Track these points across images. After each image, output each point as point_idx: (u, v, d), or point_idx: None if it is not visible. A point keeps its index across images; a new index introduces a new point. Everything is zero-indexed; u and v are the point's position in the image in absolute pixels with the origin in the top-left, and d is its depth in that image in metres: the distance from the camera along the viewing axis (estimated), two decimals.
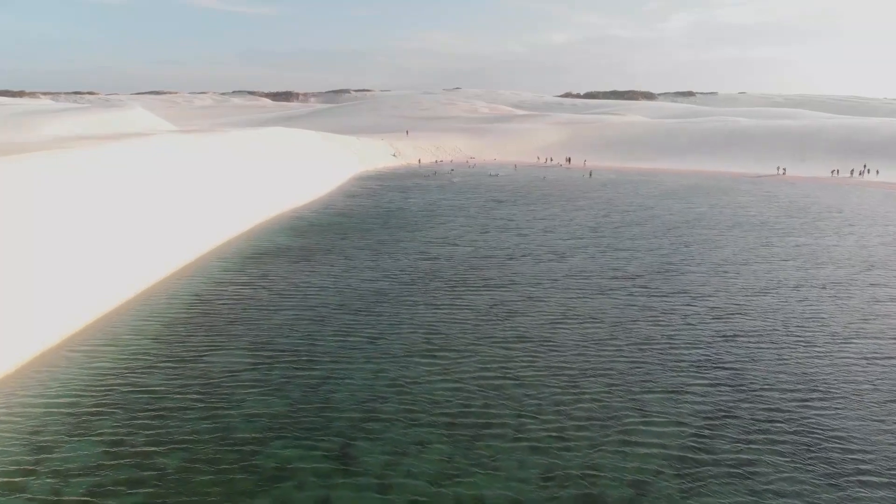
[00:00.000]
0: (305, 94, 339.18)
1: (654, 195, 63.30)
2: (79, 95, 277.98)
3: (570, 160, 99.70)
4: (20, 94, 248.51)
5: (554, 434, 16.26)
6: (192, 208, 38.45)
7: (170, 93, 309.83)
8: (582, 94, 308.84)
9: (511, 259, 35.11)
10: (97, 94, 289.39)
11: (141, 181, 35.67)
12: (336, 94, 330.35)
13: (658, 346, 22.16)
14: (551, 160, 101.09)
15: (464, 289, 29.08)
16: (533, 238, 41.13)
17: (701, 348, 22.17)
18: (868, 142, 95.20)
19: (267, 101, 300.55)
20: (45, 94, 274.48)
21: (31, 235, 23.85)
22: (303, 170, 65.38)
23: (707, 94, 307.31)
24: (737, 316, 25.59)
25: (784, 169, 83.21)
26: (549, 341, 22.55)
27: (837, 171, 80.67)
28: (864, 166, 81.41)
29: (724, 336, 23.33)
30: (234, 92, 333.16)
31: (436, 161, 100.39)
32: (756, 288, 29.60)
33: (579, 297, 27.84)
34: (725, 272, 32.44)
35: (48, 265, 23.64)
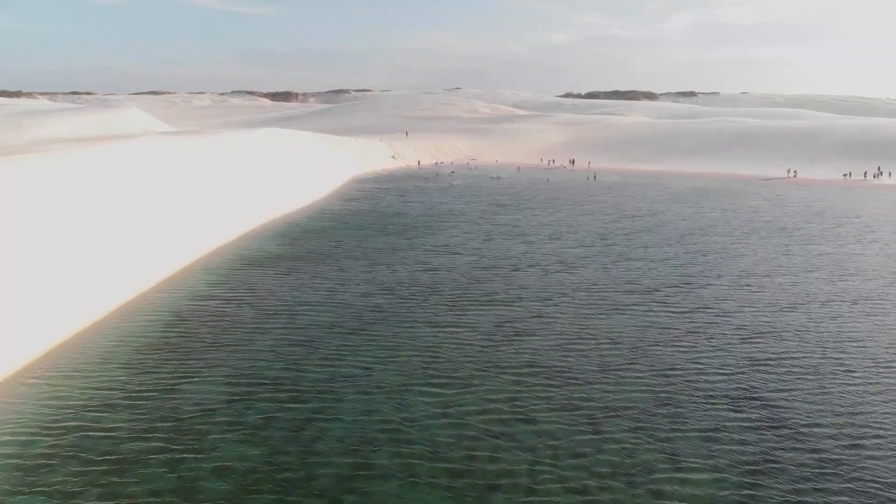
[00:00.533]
0: (305, 95, 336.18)
1: (662, 199, 60.99)
2: (76, 96, 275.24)
3: (573, 162, 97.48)
4: (17, 94, 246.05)
5: (573, 487, 14.04)
6: (177, 216, 36.21)
7: (168, 93, 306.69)
8: (583, 94, 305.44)
9: (517, 270, 32.86)
10: (95, 94, 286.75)
11: (128, 188, 33.49)
12: (336, 95, 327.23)
13: (683, 375, 19.91)
14: (553, 162, 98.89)
15: (466, 304, 26.84)
16: (539, 246, 38.87)
17: (731, 375, 19.94)
18: (874, 143, 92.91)
19: (266, 101, 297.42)
20: (42, 94, 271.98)
21: None
22: (298, 173, 63.10)
23: (709, 94, 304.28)
24: (766, 336, 23.34)
25: (794, 171, 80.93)
26: (563, 370, 20.29)
27: (850, 173, 78.31)
28: (879, 168, 79.10)
29: (755, 361, 21.08)
30: (232, 92, 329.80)
31: (436, 162, 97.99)
32: (783, 303, 27.35)
33: (593, 315, 25.58)
34: (748, 285, 30.17)
35: (20, 279, 21.44)
